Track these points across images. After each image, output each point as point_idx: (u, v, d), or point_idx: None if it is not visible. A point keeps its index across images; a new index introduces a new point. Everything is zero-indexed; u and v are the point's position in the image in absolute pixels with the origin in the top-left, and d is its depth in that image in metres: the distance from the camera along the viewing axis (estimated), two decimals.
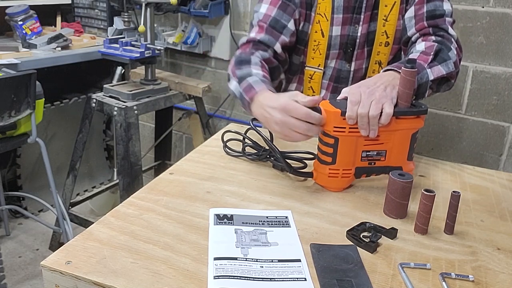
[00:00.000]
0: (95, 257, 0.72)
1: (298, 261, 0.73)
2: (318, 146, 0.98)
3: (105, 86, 2.15)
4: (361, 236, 0.80)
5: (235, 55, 1.21)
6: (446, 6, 1.22)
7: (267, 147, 1.06)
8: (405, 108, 0.94)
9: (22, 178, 2.55)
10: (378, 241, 0.79)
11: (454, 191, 0.81)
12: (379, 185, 1.01)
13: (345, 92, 0.97)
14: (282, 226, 0.83)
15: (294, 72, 1.35)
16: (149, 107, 2.14)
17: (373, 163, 0.97)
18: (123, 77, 2.62)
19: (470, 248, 0.80)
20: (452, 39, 1.19)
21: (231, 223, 0.83)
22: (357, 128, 0.92)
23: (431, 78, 1.09)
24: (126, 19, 2.21)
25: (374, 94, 0.93)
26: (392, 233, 0.82)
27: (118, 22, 2.49)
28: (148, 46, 2.10)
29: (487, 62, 1.87)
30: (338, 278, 0.70)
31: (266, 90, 1.03)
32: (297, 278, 0.69)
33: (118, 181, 2.28)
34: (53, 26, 2.66)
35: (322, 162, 0.96)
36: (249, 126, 1.11)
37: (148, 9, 2.11)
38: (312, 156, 1.05)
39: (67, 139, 2.65)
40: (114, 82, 2.43)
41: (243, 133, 1.15)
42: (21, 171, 2.54)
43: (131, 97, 2.07)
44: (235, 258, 0.72)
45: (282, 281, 0.68)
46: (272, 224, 0.83)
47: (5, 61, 2.05)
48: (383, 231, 0.82)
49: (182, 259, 0.72)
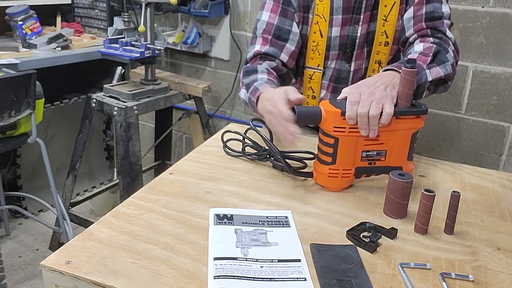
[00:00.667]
0: (95, 257, 0.72)
1: (298, 261, 0.73)
2: (318, 146, 0.98)
3: (105, 86, 2.15)
4: (361, 236, 0.80)
5: (243, 68, 1.27)
6: (445, 9, 1.23)
7: (267, 147, 1.05)
8: (405, 108, 0.94)
9: (22, 178, 2.55)
10: (378, 241, 0.79)
11: (454, 191, 0.81)
12: (379, 185, 1.01)
13: (345, 92, 0.97)
14: (282, 226, 0.83)
15: (294, 75, 1.36)
16: (149, 107, 2.14)
17: (373, 163, 0.97)
18: (123, 77, 2.62)
19: (470, 248, 0.80)
20: (449, 42, 1.20)
21: (231, 223, 0.83)
22: (357, 128, 0.92)
23: (430, 79, 1.09)
24: (126, 19, 2.21)
25: (374, 94, 0.93)
26: (392, 233, 0.82)
27: (118, 22, 2.49)
28: (148, 46, 2.10)
29: (487, 62, 1.87)
30: (338, 278, 0.70)
31: (268, 88, 1.08)
32: (297, 278, 0.69)
33: (118, 181, 2.28)
34: (53, 26, 2.66)
35: (322, 162, 0.97)
36: (249, 126, 1.11)
37: (148, 9, 2.11)
38: (312, 156, 1.05)
39: (67, 139, 2.65)
40: (114, 82, 2.43)
41: (243, 133, 1.15)
42: (21, 171, 2.54)
43: (131, 97, 2.07)
44: (235, 258, 0.72)
45: (282, 281, 0.68)
46: (272, 224, 0.83)
47: (5, 61, 2.05)
48: (383, 231, 0.82)
49: (182, 259, 0.72)
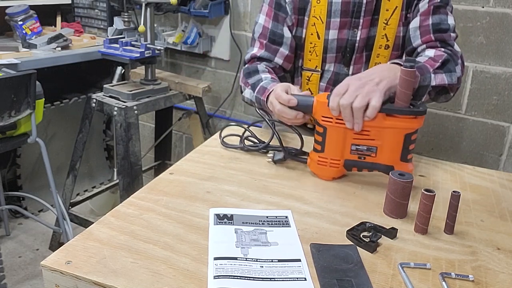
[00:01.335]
0: (95, 257, 0.72)
1: (298, 261, 0.73)
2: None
3: (105, 86, 2.15)
4: (361, 236, 0.80)
5: (243, 69, 1.32)
6: (451, 21, 1.23)
7: (266, 141, 1.12)
8: (397, 106, 0.94)
9: (22, 178, 2.55)
10: (378, 241, 0.79)
11: (454, 191, 0.81)
12: (379, 185, 1.01)
13: None
14: (282, 226, 0.83)
15: (292, 76, 1.37)
16: (149, 107, 2.14)
17: (363, 158, 0.98)
18: (123, 77, 2.62)
19: (470, 248, 0.80)
20: (458, 55, 1.21)
21: (231, 223, 0.83)
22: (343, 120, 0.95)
23: (433, 83, 1.10)
24: (126, 19, 2.21)
25: (363, 87, 0.94)
26: (392, 233, 0.82)
27: (118, 22, 2.49)
28: (148, 46, 2.10)
29: (487, 62, 1.87)
30: (338, 278, 0.70)
31: (276, 86, 1.11)
32: (297, 278, 0.69)
33: (118, 181, 2.28)
34: (53, 26, 2.66)
35: (314, 149, 1.02)
36: (250, 122, 1.20)
37: (148, 9, 2.11)
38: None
39: (67, 139, 2.65)
40: (114, 82, 2.43)
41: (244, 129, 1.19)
42: (21, 171, 2.54)
43: (131, 97, 2.07)
44: (235, 258, 0.72)
45: (282, 281, 0.68)
46: (272, 224, 0.83)
47: (5, 61, 2.05)
48: (383, 231, 0.82)
49: (182, 259, 0.72)
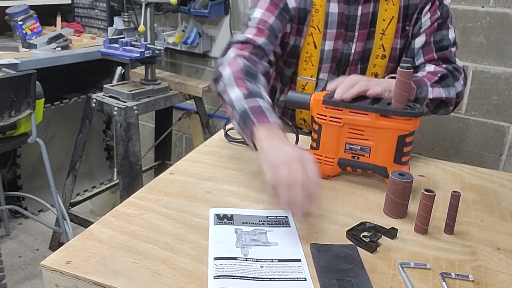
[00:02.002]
0: (95, 257, 0.72)
1: (298, 261, 0.73)
2: None
3: (105, 86, 2.15)
4: (361, 236, 0.80)
5: (240, 62, 1.09)
6: (451, 35, 1.24)
7: None
8: (392, 107, 0.93)
9: (22, 178, 2.55)
10: (378, 241, 0.79)
11: (454, 191, 0.81)
12: (379, 185, 1.01)
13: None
14: (282, 226, 0.83)
15: (286, 83, 1.36)
16: (149, 107, 2.14)
17: (356, 157, 0.99)
18: (123, 77, 2.62)
19: (470, 248, 0.80)
20: (460, 70, 1.24)
21: (231, 223, 0.83)
22: (338, 118, 0.96)
23: (430, 96, 1.13)
24: (126, 19, 2.21)
25: (371, 81, 1.02)
26: (392, 233, 0.82)
27: (118, 22, 2.49)
28: (148, 46, 2.10)
29: (487, 62, 1.87)
30: (338, 278, 0.70)
31: (279, 127, 0.90)
32: (297, 278, 0.69)
33: (118, 181, 2.28)
34: (53, 26, 2.66)
35: (310, 147, 1.03)
36: None
37: (148, 9, 2.11)
38: None
39: (67, 139, 2.65)
40: (114, 82, 2.43)
41: None
42: (21, 171, 2.54)
43: (131, 97, 2.07)
44: (235, 258, 0.72)
45: (282, 281, 0.68)
46: (272, 224, 0.83)
47: (5, 61, 2.05)
48: (383, 231, 0.82)
49: (182, 259, 0.72)
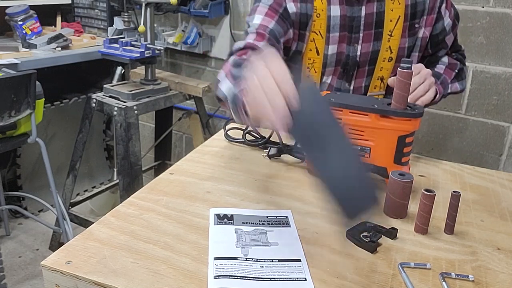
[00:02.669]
0: (95, 257, 0.72)
1: (298, 261, 0.73)
2: None
3: (105, 86, 2.16)
4: (361, 236, 0.80)
5: (231, 60, 1.07)
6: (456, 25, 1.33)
7: (266, 136, 1.13)
8: (393, 108, 0.93)
9: (22, 178, 2.55)
10: (378, 241, 0.79)
11: (454, 191, 0.81)
12: (379, 185, 1.01)
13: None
14: (282, 226, 0.83)
15: None
16: (149, 107, 2.14)
17: None
18: (123, 77, 2.62)
19: (470, 248, 0.80)
20: (464, 55, 1.38)
21: (231, 223, 0.83)
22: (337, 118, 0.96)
23: (448, 91, 1.25)
24: (126, 19, 2.21)
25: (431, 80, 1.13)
26: (392, 233, 0.82)
27: (118, 22, 2.49)
28: (148, 46, 2.10)
29: (487, 62, 1.87)
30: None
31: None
32: (297, 278, 0.69)
33: (118, 181, 2.28)
34: (53, 26, 2.66)
35: None
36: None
37: (148, 9, 2.11)
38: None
39: (67, 139, 2.65)
40: (114, 82, 2.43)
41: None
42: (21, 171, 2.54)
43: (131, 97, 2.07)
44: (235, 258, 0.72)
45: (282, 281, 0.68)
46: (272, 224, 0.83)
47: (5, 61, 2.05)
48: (383, 231, 0.82)
49: (182, 259, 0.72)
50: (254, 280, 0.68)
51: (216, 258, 0.72)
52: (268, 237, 0.79)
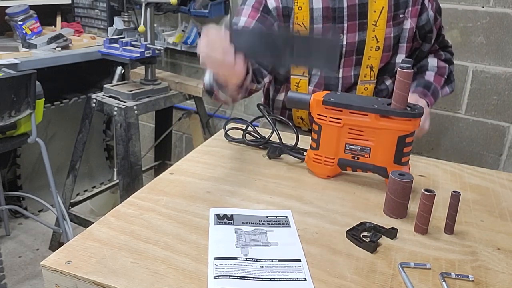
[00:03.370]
0: (95, 257, 0.72)
1: (298, 261, 0.73)
2: None
3: (105, 86, 2.16)
4: (361, 236, 0.80)
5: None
6: (440, 18, 1.35)
7: (266, 137, 1.14)
8: (393, 108, 0.93)
9: (22, 178, 2.55)
10: (378, 241, 0.79)
11: (454, 191, 0.81)
12: (379, 185, 1.01)
13: None
14: (282, 226, 0.83)
15: (280, 82, 1.37)
16: (149, 107, 2.14)
17: (356, 158, 0.98)
18: (123, 77, 2.62)
19: (470, 248, 0.80)
20: (451, 52, 1.43)
21: (231, 223, 0.83)
22: (338, 118, 0.97)
23: (439, 97, 1.34)
24: (126, 19, 2.21)
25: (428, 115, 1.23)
26: (392, 233, 0.82)
27: (118, 22, 2.49)
28: (148, 46, 2.10)
29: (487, 62, 1.87)
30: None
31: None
32: (297, 278, 0.69)
33: (118, 181, 2.28)
34: (53, 26, 2.66)
35: (310, 147, 1.03)
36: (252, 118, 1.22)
37: (148, 9, 2.11)
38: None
39: (67, 139, 2.65)
40: (114, 82, 2.43)
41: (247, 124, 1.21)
42: (21, 171, 2.54)
43: (131, 97, 2.07)
44: (235, 258, 0.73)
45: (282, 281, 0.68)
46: (272, 224, 0.83)
47: (5, 61, 2.05)
48: (383, 231, 0.82)
49: (182, 259, 0.72)
50: (254, 280, 0.68)
51: (216, 258, 0.72)
52: (268, 237, 0.79)
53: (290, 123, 1.17)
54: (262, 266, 0.71)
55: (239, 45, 0.86)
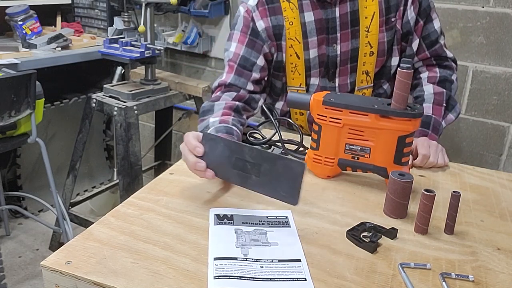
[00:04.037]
0: (95, 257, 0.72)
1: (298, 261, 0.73)
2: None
3: (105, 86, 2.15)
4: (361, 236, 0.80)
5: (201, 107, 1.27)
6: (436, 25, 1.28)
7: (268, 137, 1.15)
8: (393, 108, 0.93)
9: (22, 178, 2.55)
10: (378, 241, 0.79)
11: (454, 191, 0.81)
12: (379, 185, 1.01)
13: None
14: (282, 226, 0.83)
15: (278, 93, 1.38)
16: (149, 107, 2.14)
17: (356, 158, 0.98)
18: (123, 77, 2.62)
19: (470, 248, 0.80)
20: (452, 64, 1.31)
21: (231, 223, 0.83)
22: (338, 118, 0.97)
23: (444, 126, 1.24)
24: (126, 19, 2.21)
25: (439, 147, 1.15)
26: (392, 233, 0.82)
27: (118, 22, 2.48)
28: (148, 46, 2.10)
29: (487, 62, 1.87)
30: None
31: (188, 133, 1.01)
32: (297, 278, 0.69)
33: (118, 181, 2.28)
34: (53, 26, 2.66)
35: (310, 147, 1.03)
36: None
37: (148, 9, 2.11)
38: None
39: (67, 139, 2.65)
40: (114, 82, 2.43)
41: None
42: (21, 171, 2.54)
43: (131, 97, 2.07)
44: (235, 258, 0.72)
45: (282, 281, 0.68)
46: (272, 224, 0.83)
47: (5, 61, 2.05)
48: (383, 231, 0.82)
49: (182, 259, 0.72)
50: (254, 280, 0.68)
51: (216, 258, 0.72)
52: (268, 237, 0.79)
53: (295, 125, 1.18)
54: (262, 266, 0.71)
55: (208, 161, 0.89)
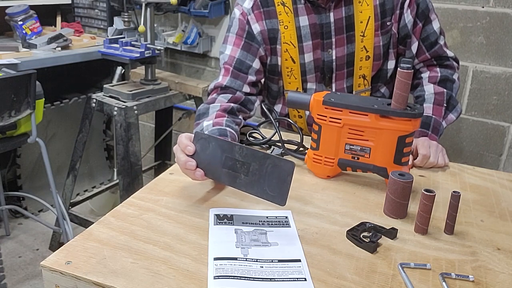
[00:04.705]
0: (95, 257, 0.72)
1: (298, 261, 0.73)
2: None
3: (105, 86, 2.16)
4: (361, 236, 0.80)
5: (197, 110, 1.25)
6: (436, 26, 1.27)
7: (268, 137, 1.15)
8: (393, 108, 0.93)
9: (22, 178, 2.55)
10: (378, 241, 0.79)
11: (454, 191, 0.81)
12: (379, 185, 1.01)
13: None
14: (282, 226, 0.83)
15: (275, 96, 1.39)
16: (149, 107, 2.14)
17: (356, 158, 0.98)
18: (123, 77, 2.62)
19: (470, 248, 0.80)
20: (453, 64, 1.30)
21: (231, 223, 0.83)
22: (337, 118, 0.96)
23: (444, 126, 1.24)
24: (126, 19, 2.21)
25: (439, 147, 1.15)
26: (392, 233, 0.82)
27: (118, 22, 2.49)
28: (148, 46, 2.10)
29: (487, 62, 1.87)
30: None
31: (181, 135, 1.03)
32: (297, 278, 0.69)
33: (118, 181, 2.28)
34: (53, 26, 2.66)
35: (310, 147, 1.03)
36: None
37: (148, 9, 2.11)
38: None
39: (67, 139, 2.65)
40: (114, 82, 2.42)
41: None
42: (21, 171, 2.54)
43: (131, 97, 2.07)
44: (235, 258, 0.72)
45: (282, 281, 0.68)
46: (272, 224, 0.83)
47: (5, 61, 2.05)
48: (383, 231, 0.82)
49: (182, 259, 0.72)
50: (254, 280, 0.68)
51: (216, 259, 0.72)
52: (268, 237, 0.79)
53: (295, 125, 1.18)
54: (262, 267, 0.71)
55: (199, 160, 0.91)
